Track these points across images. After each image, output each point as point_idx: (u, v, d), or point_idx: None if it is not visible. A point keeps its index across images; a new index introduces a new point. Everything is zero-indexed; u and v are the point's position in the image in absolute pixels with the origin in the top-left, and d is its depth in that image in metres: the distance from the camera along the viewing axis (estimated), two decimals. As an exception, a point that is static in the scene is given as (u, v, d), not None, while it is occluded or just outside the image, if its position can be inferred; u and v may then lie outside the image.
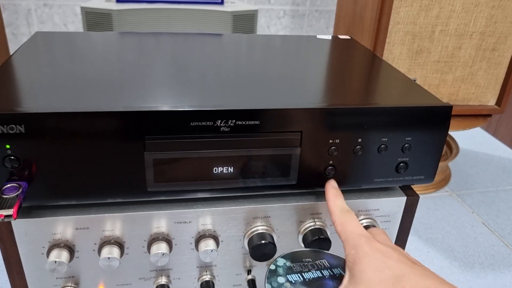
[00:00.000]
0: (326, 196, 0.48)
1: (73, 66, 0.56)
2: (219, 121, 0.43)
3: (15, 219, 0.39)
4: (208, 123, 0.43)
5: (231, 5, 1.39)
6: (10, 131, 0.40)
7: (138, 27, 1.30)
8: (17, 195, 0.40)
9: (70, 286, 0.50)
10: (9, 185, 0.41)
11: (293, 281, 0.44)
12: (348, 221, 0.44)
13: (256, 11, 1.37)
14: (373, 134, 0.47)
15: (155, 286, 0.51)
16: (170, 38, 0.70)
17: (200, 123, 0.43)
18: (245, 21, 1.36)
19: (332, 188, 0.48)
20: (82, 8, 1.27)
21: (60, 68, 0.54)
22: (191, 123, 0.43)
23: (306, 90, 0.52)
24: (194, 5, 1.36)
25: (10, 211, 0.39)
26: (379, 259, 0.40)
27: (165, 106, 0.42)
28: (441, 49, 0.92)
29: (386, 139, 0.48)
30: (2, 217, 0.39)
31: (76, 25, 1.54)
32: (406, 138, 0.48)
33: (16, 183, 0.42)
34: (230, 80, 0.54)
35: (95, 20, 1.27)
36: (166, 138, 0.43)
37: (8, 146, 0.41)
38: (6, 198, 0.40)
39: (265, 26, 1.67)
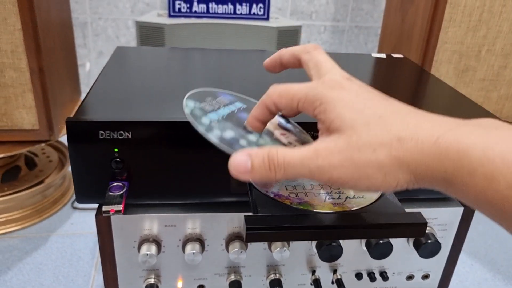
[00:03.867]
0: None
1: (161, 78, 0.61)
2: (300, 132, 0.48)
3: (123, 213, 0.45)
4: (289, 134, 0.48)
5: (276, 21, 1.45)
6: (119, 137, 0.46)
7: (188, 40, 1.37)
8: (122, 193, 0.46)
9: (153, 278, 0.55)
10: (114, 184, 0.47)
11: (215, 120, 0.42)
12: None
13: (300, 26, 1.43)
14: (436, 148, 0.51)
15: (228, 282, 0.56)
16: (238, 54, 0.75)
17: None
18: (289, 36, 1.42)
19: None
20: (137, 22, 1.34)
21: (149, 81, 0.60)
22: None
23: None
24: (241, 20, 1.42)
25: (119, 207, 0.45)
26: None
27: (253, 118, 0.47)
28: (487, 68, 0.95)
29: (448, 153, 0.52)
30: (113, 212, 0.45)
31: (127, 37, 1.62)
32: (467, 152, 0.52)
33: (121, 183, 0.47)
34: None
35: (148, 33, 1.34)
36: (252, 146, 0.48)
37: (116, 150, 0.46)
38: (115, 195, 0.46)
39: (306, 41, 1.72)
